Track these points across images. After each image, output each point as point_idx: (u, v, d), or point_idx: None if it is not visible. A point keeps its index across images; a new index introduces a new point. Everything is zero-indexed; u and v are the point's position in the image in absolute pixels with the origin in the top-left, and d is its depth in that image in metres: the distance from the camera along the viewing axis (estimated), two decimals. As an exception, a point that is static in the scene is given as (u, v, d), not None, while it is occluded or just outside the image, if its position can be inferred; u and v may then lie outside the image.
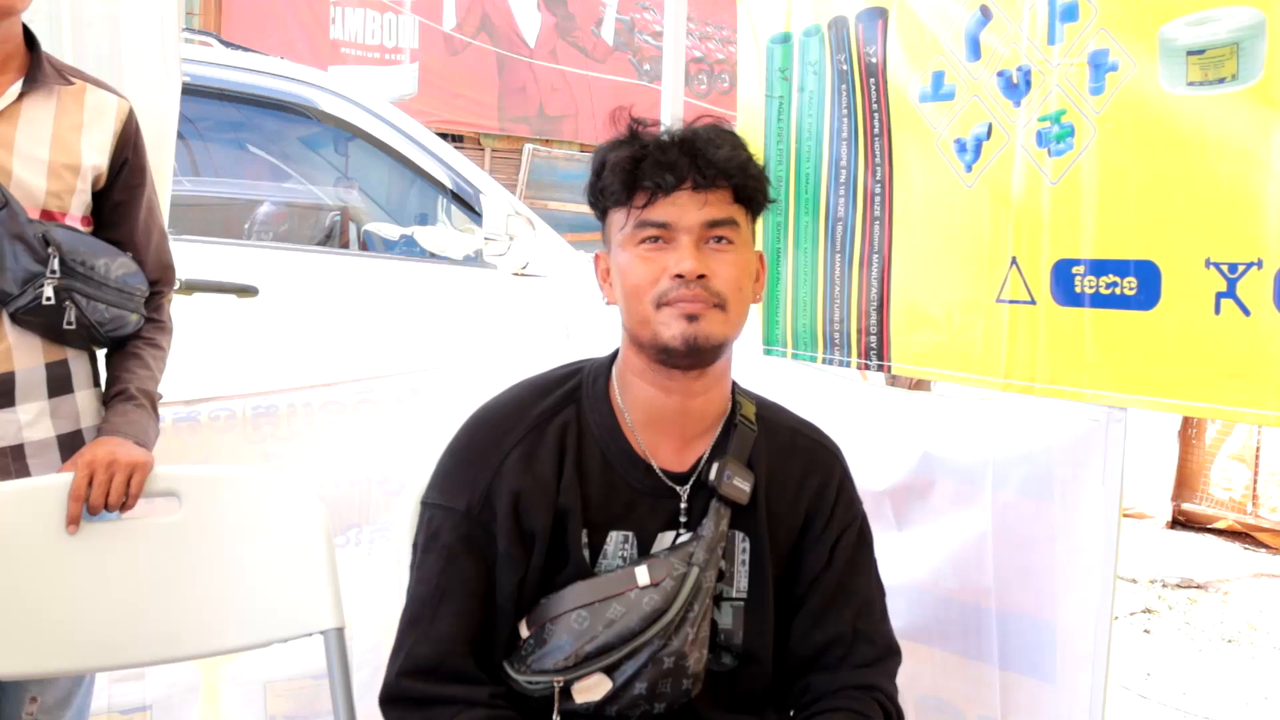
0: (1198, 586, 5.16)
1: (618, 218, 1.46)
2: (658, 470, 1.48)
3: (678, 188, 1.41)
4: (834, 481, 1.54)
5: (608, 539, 1.47)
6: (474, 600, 1.43)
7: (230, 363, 2.93)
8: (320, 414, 2.38)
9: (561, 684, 1.41)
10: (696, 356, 1.42)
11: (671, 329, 1.40)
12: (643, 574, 1.43)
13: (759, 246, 2.30)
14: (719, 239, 1.43)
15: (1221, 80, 1.52)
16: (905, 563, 2.01)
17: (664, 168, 1.41)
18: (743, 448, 1.50)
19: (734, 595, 1.49)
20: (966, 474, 1.95)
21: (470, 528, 1.44)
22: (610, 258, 1.49)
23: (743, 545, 1.49)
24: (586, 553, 1.46)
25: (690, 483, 1.49)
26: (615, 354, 1.53)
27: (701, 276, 1.40)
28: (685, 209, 1.41)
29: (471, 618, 1.43)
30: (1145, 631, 4.57)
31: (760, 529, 1.49)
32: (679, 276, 1.40)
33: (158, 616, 1.67)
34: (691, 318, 1.39)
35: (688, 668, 1.43)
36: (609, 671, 1.42)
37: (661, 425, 1.49)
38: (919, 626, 2.00)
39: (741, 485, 1.47)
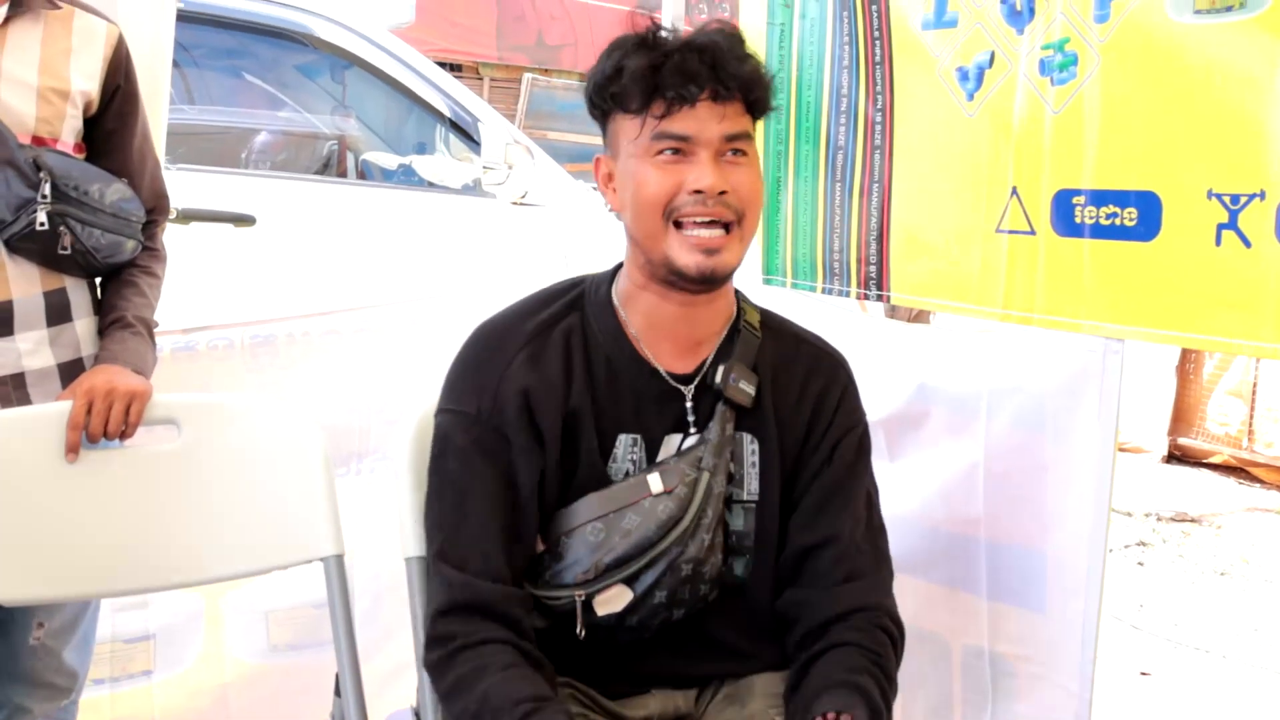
0: (1192, 520, 5.20)
1: (629, 125, 1.42)
2: (663, 373, 1.48)
3: (698, 99, 1.38)
4: (837, 387, 1.54)
5: (616, 442, 1.47)
6: (495, 499, 1.42)
7: (228, 292, 2.93)
8: (319, 343, 2.38)
9: (583, 597, 1.42)
10: (710, 285, 1.43)
11: (687, 258, 1.39)
12: (655, 482, 1.43)
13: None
14: (735, 151, 1.41)
15: (1229, 9, 1.50)
16: (896, 493, 2.01)
17: (686, 77, 1.37)
18: (747, 352, 1.49)
19: (745, 498, 1.49)
20: (960, 405, 1.96)
21: (481, 431, 1.43)
22: (615, 164, 1.46)
23: (751, 448, 1.49)
24: (597, 455, 1.46)
25: (695, 384, 1.48)
26: (617, 267, 1.53)
27: (722, 193, 1.38)
28: (705, 122, 1.39)
29: (496, 515, 1.42)
30: (1139, 564, 4.61)
31: (768, 431, 1.49)
32: (698, 192, 1.38)
33: (158, 543, 1.68)
34: (710, 251, 1.39)
35: (705, 573, 1.44)
36: (629, 582, 1.43)
37: (665, 330, 1.48)
38: (907, 557, 1.99)
39: (746, 388, 1.47)
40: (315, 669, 2.13)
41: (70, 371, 1.79)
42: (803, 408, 1.51)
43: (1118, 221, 1.64)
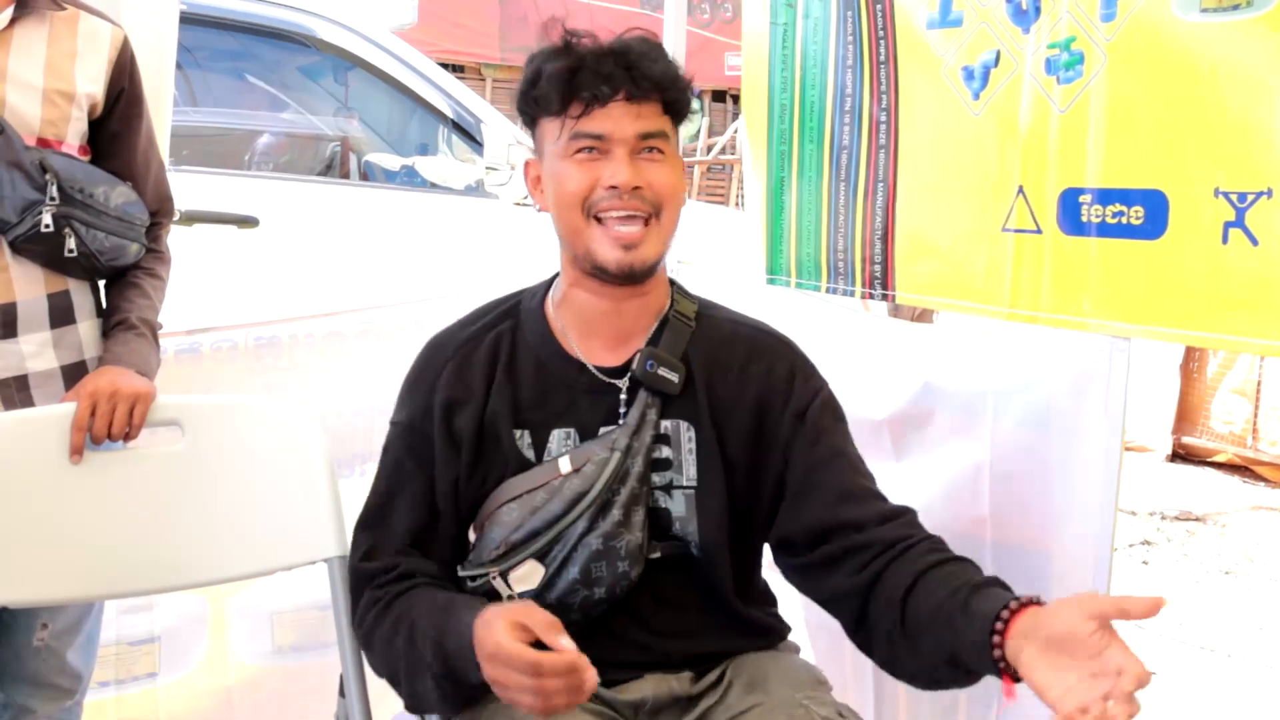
0: (1196, 519, 5.19)
1: (551, 128, 1.49)
2: (591, 367, 1.53)
3: (613, 99, 1.45)
4: (782, 364, 1.57)
5: (550, 437, 1.52)
6: (418, 501, 1.52)
7: (232, 294, 2.93)
8: (322, 345, 2.38)
9: (496, 574, 1.48)
10: (631, 279, 1.49)
11: (607, 253, 1.46)
12: (565, 463, 1.49)
13: (763, 174, 2.29)
14: (651, 149, 1.47)
15: (1236, 7, 1.49)
16: (901, 493, 2.00)
17: (600, 79, 1.44)
18: (676, 340, 1.54)
19: (684, 483, 1.52)
20: (966, 405, 1.95)
21: (413, 437, 1.53)
22: (542, 166, 1.53)
23: (688, 434, 1.53)
24: (531, 453, 1.51)
25: (628, 376, 1.53)
26: (554, 276, 1.60)
27: (637, 188, 1.45)
28: (620, 121, 1.45)
29: (417, 515, 1.52)
30: (1143, 563, 4.61)
31: (702, 417, 1.52)
32: (613, 188, 1.44)
33: (163, 545, 1.68)
34: (629, 246, 1.45)
35: (619, 549, 1.48)
36: (540, 558, 1.48)
37: (595, 326, 1.54)
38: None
39: (667, 374, 1.51)
40: (320, 671, 2.13)
41: (73, 374, 1.79)
42: (746, 390, 1.54)
43: (1124, 220, 1.64)
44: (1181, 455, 6.22)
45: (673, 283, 1.61)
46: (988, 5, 1.80)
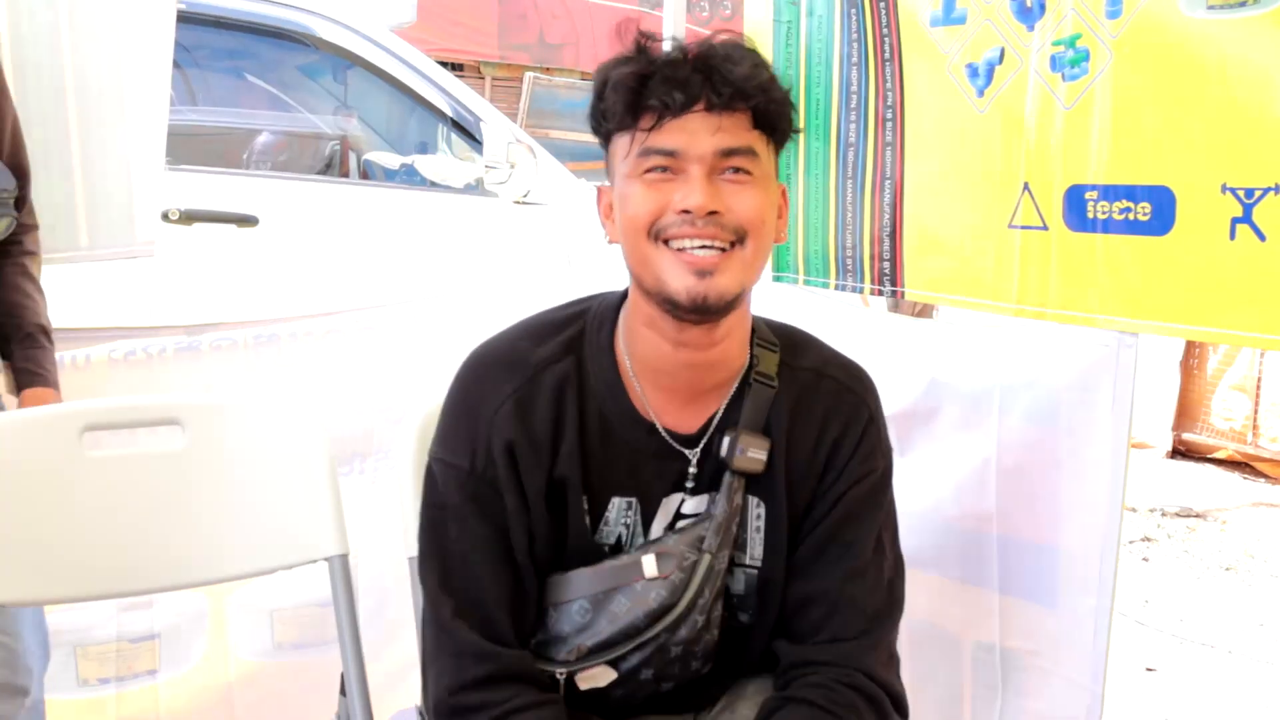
0: (1197, 515, 5.19)
1: (621, 144, 1.29)
2: (663, 432, 1.36)
3: (689, 109, 1.24)
4: (855, 429, 1.39)
5: (609, 505, 1.37)
6: (499, 560, 1.34)
7: (231, 292, 2.92)
8: (322, 343, 2.38)
9: (564, 675, 1.36)
10: (704, 314, 1.27)
11: (678, 281, 1.24)
12: (650, 565, 1.33)
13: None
14: (735, 170, 1.26)
15: (1242, 4, 1.49)
16: (906, 488, 2.00)
17: (674, 85, 1.23)
18: (758, 411, 1.36)
19: (747, 563, 1.40)
20: (973, 400, 1.95)
21: (477, 485, 1.33)
22: (613, 191, 1.32)
23: (757, 512, 1.38)
24: (587, 519, 1.36)
25: (700, 446, 1.37)
26: (625, 294, 1.39)
27: (714, 213, 1.23)
28: (696, 135, 1.24)
29: (502, 577, 1.34)
30: (1144, 559, 4.61)
31: (777, 494, 1.38)
32: (686, 212, 1.23)
33: (163, 544, 1.67)
34: (703, 273, 1.24)
35: (696, 652, 1.38)
36: (614, 664, 1.37)
37: (669, 380, 1.35)
38: (918, 552, 1.99)
39: (756, 455, 1.35)
40: (320, 668, 2.13)
41: None
42: (818, 454, 1.39)
43: (1131, 216, 1.63)
44: (1182, 452, 6.22)
45: (754, 325, 1.41)
46: (991, 2, 1.80)
